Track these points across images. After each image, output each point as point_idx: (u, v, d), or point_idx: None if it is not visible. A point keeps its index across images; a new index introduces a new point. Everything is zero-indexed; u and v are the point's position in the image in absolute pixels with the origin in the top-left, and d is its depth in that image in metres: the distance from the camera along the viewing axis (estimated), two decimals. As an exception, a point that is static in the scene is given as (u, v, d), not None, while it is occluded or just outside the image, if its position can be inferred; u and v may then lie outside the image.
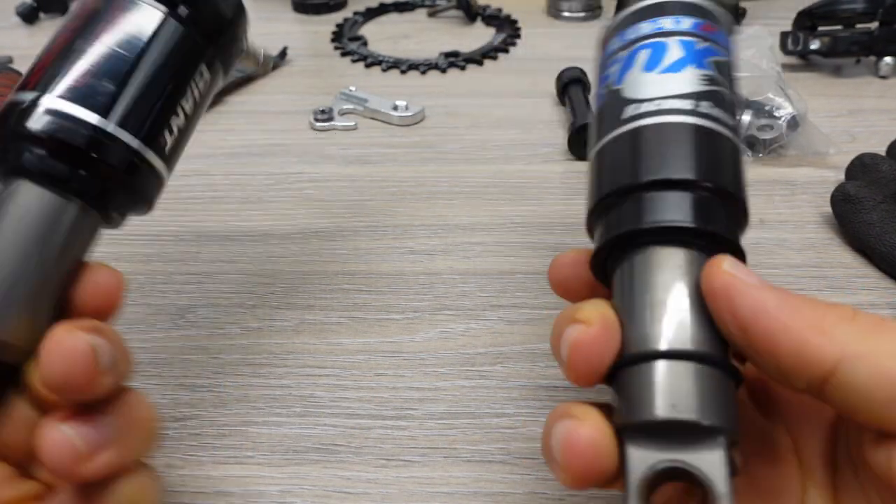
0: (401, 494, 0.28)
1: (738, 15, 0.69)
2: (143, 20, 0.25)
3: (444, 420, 0.31)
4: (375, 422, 0.31)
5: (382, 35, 0.72)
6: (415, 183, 0.47)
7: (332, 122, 0.54)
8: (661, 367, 0.20)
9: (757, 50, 0.55)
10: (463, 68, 0.64)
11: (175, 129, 0.26)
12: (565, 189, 0.47)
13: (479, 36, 0.71)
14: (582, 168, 0.49)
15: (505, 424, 0.30)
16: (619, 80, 0.25)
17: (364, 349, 0.34)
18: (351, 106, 0.56)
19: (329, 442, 0.30)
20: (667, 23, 0.26)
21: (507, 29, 0.72)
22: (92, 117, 0.23)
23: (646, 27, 0.27)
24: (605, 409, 0.21)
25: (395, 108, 0.54)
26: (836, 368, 0.17)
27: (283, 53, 0.65)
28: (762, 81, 0.50)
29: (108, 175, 0.24)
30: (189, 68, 0.27)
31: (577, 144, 0.49)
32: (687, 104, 0.24)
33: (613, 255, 0.23)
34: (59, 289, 0.23)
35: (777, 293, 0.19)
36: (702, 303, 0.21)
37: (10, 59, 0.66)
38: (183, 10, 0.26)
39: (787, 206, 0.44)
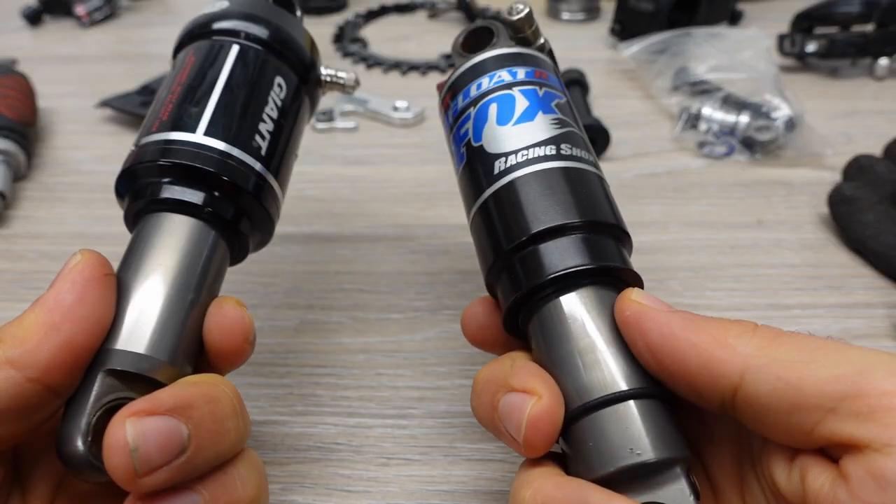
0: (401, 493, 0.28)
1: (736, 17, 0.70)
2: (248, 61, 0.29)
3: (445, 419, 0.31)
4: (376, 420, 0.31)
5: (383, 37, 0.72)
6: (415, 183, 0.48)
7: (333, 123, 0.54)
8: (605, 415, 0.20)
9: (754, 52, 0.55)
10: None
11: (285, 155, 0.29)
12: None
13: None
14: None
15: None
16: (478, 137, 0.26)
17: (365, 348, 0.35)
18: (352, 107, 0.56)
19: (330, 440, 0.30)
20: (504, 75, 0.27)
21: (507, 31, 0.72)
22: (221, 145, 0.25)
23: (485, 82, 0.27)
24: (560, 460, 0.21)
25: (396, 108, 0.55)
26: (741, 380, 0.18)
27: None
28: (759, 83, 0.51)
29: (238, 197, 0.26)
30: (291, 103, 0.30)
31: (576, 146, 0.49)
32: (550, 150, 0.25)
33: (522, 312, 0.24)
34: (197, 321, 0.24)
35: (682, 315, 0.20)
36: (621, 338, 0.21)
37: (15, 61, 0.66)
38: (279, 50, 0.30)
39: (784, 206, 0.44)
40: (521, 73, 0.27)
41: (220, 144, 0.25)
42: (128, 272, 0.23)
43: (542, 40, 0.30)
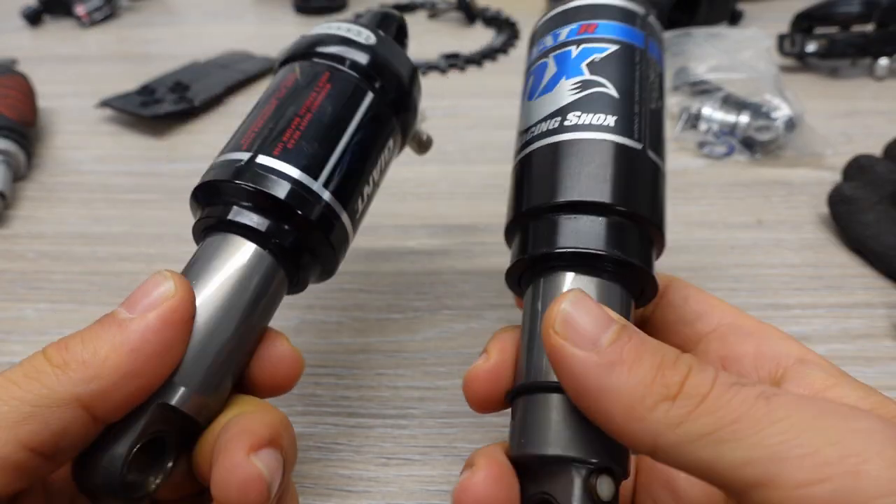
0: (401, 493, 0.28)
1: (736, 17, 0.70)
2: (345, 90, 0.27)
3: (445, 419, 0.31)
4: (376, 420, 0.31)
5: (382, 37, 0.72)
6: (415, 183, 0.48)
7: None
8: (533, 400, 0.20)
9: (754, 52, 0.55)
10: (463, 69, 0.65)
11: (365, 195, 0.28)
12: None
13: (479, 37, 0.72)
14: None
15: (504, 423, 0.30)
16: (522, 107, 0.27)
17: (365, 348, 0.35)
18: (351, 107, 0.56)
19: (330, 440, 0.30)
20: (548, 40, 0.27)
21: (507, 30, 0.72)
22: (298, 174, 0.24)
23: (534, 52, 0.27)
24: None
25: (396, 109, 0.55)
26: (654, 453, 0.17)
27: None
28: (759, 83, 0.51)
29: (305, 229, 0.25)
30: (382, 138, 0.28)
31: (576, 145, 0.49)
32: (553, 123, 0.24)
33: (524, 276, 0.23)
34: (248, 355, 0.24)
35: (600, 367, 0.18)
36: None
37: (15, 61, 0.66)
38: (378, 83, 0.28)
39: (784, 206, 0.44)
40: (563, 33, 0.26)
41: (327, 196, 0.25)
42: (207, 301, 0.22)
43: None
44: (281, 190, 0.24)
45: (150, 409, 0.20)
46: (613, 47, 0.25)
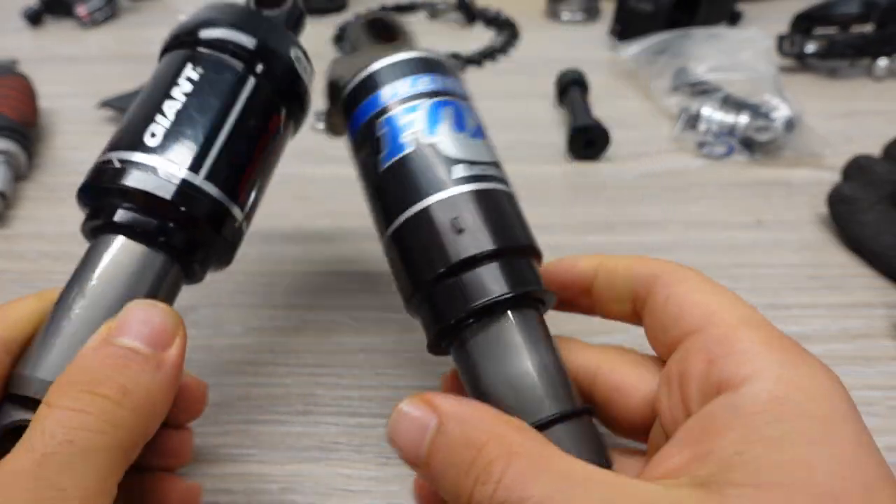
0: (401, 492, 0.28)
1: (735, 17, 0.70)
2: (223, 77, 0.26)
3: (444, 418, 0.31)
4: (376, 420, 0.31)
5: (382, 37, 0.72)
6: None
7: (333, 124, 0.54)
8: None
9: (754, 52, 0.55)
10: (462, 70, 0.65)
11: (253, 183, 0.27)
12: (565, 190, 0.47)
13: (479, 38, 0.72)
14: (581, 168, 0.49)
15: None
16: (431, 132, 0.25)
17: (365, 348, 0.35)
18: (351, 108, 0.56)
19: (330, 440, 0.30)
20: (450, 84, 0.27)
21: (507, 31, 0.72)
22: (182, 171, 0.24)
23: (438, 82, 0.27)
24: None
25: (396, 109, 0.55)
26: None
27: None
28: (759, 83, 0.51)
29: (194, 227, 0.24)
30: (265, 124, 0.27)
31: (576, 145, 0.49)
32: (498, 171, 0.26)
33: (446, 339, 0.25)
34: None
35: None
36: (547, 359, 0.22)
37: (16, 61, 0.66)
38: (259, 66, 0.27)
39: (784, 206, 0.44)
40: (461, 86, 0.28)
41: (214, 191, 0.25)
42: (68, 294, 0.23)
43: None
44: (164, 189, 0.23)
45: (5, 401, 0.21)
46: (421, 105, 0.26)
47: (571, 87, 0.55)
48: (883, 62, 0.59)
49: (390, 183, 0.25)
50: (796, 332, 0.35)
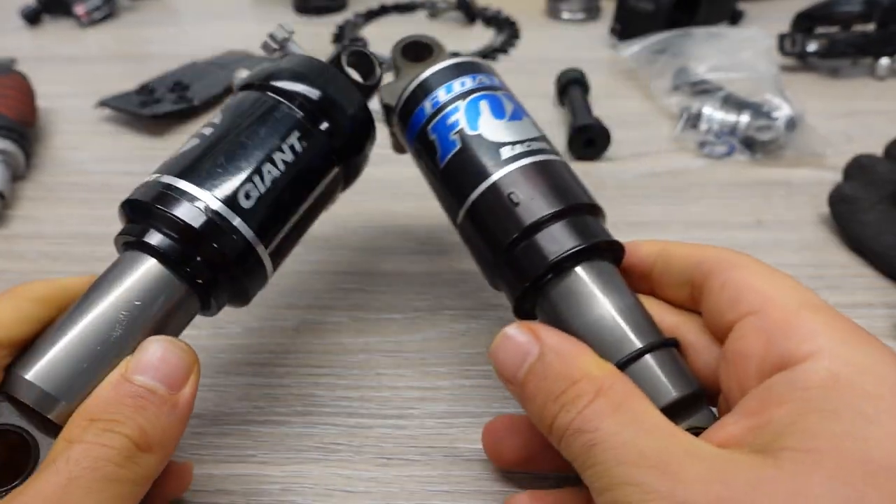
0: (401, 493, 0.28)
1: (736, 17, 0.69)
2: (282, 128, 0.27)
3: (445, 419, 0.31)
4: (376, 421, 0.31)
5: (383, 36, 0.72)
6: (415, 183, 0.47)
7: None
8: (631, 371, 0.23)
9: (755, 51, 0.55)
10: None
11: (289, 231, 0.28)
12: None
13: (479, 37, 0.72)
14: (582, 168, 0.49)
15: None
16: (473, 126, 0.28)
17: (364, 348, 0.35)
18: (351, 107, 0.56)
19: (330, 441, 0.30)
20: (481, 80, 0.31)
21: (507, 30, 0.72)
22: (219, 206, 0.25)
23: (469, 82, 0.30)
24: None
25: (395, 109, 0.55)
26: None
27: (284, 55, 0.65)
28: (760, 83, 0.51)
29: (220, 263, 0.25)
30: (316, 178, 0.28)
31: (577, 144, 0.49)
32: (544, 143, 0.29)
33: (529, 299, 0.26)
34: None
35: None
36: (627, 301, 0.24)
37: (14, 61, 0.66)
38: (324, 124, 0.28)
39: (784, 206, 0.44)
40: (496, 80, 0.31)
41: (249, 234, 0.25)
42: (84, 304, 0.23)
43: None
44: (196, 219, 0.24)
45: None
46: (460, 105, 0.30)
47: (572, 87, 0.55)
48: (885, 61, 0.59)
49: (450, 178, 0.29)
50: (797, 333, 0.35)
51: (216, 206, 0.24)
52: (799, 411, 0.18)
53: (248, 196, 0.25)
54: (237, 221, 0.25)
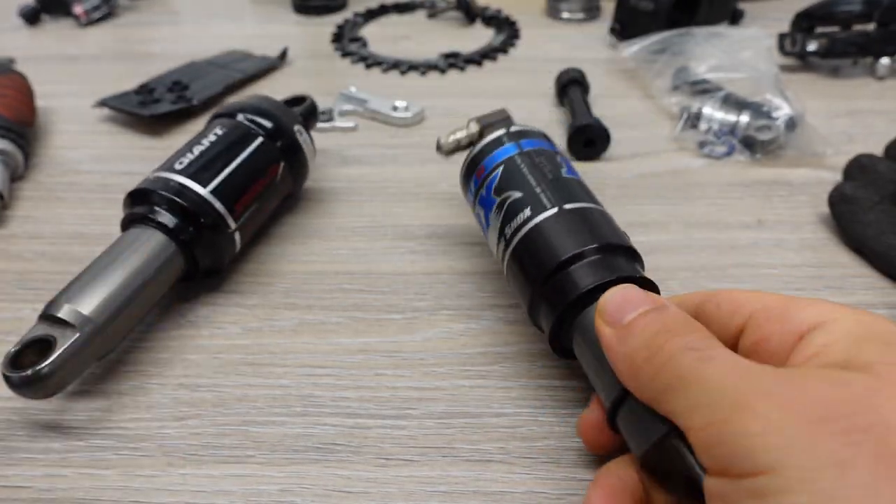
0: (400, 493, 0.28)
1: (736, 16, 0.69)
2: (248, 140, 0.40)
3: (443, 419, 0.31)
4: (375, 421, 0.31)
5: (382, 36, 0.72)
6: (414, 183, 0.47)
7: (333, 123, 0.54)
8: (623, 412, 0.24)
9: (755, 51, 0.55)
10: (462, 69, 0.65)
11: (249, 208, 0.38)
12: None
13: (479, 37, 0.72)
14: (582, 168, 0.49)
15: (504, 424, 0.31)
16: (513, 188, 0.33)
17: (364, 349, 0.34)
18: (351, 107, 0.56)
19: (329, 441, 0.30)
20: (471, 189, 0.36)
21: (507, 30, 0.72)
22: (200, 189, 0.36)
23: (508, 150, 0.35)
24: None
25: (395, 108, 0.55)
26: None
27: (283, 55, 0.65)
28: (760, 82, 0.51)
29: (200, 228, 0.35)
30: (264, 169, 0.40)
31: (577, 144, 0.49)
32: (584, 194, 0.32)
33: (564, 331, 0.29)
34: (141, 307, 0.34)
35: (615, 338, 0.23)
36: None
37: (13, 61, 0.66)
38: (272, 132, 0.41)
39: (784, 206, 0.44)
40: (472, 185, 0.36)
41: (216, 203, 0.36)
42: (105, 255, 0.34)
43: None
44: (187, 200, 0.35)
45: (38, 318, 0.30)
46: (499, 168, 0.34)
47: (571, 87, 0.55)
48: (885, 61, 0.59)
49: (496, 227, 0.33)
50: (798, 333, 0.35)
51: (195, 187, 0.36)
52: (851, 343, 0.20)
53: (216, 177, 0.37)
54: (206, 193, 0.36)
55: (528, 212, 0.31)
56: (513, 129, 0.36)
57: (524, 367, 0.33)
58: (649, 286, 0.28)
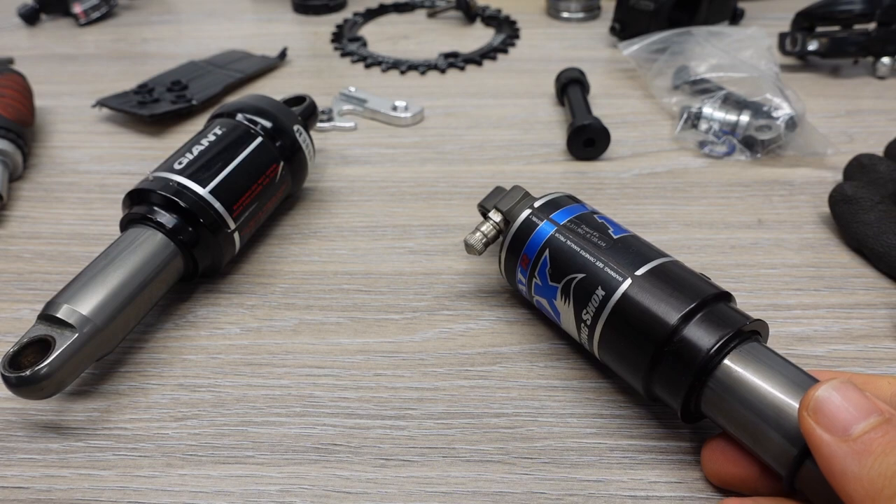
0: (399, 494, 0.28)
1: (737, 16, 0.69)
2: (247, 140, 0.40)
3: (443, 420, 0.31)
4: (374, 422, 0.31)
5: (382, 36, 0.72)
6: (414, 183, 0.47)
7: (332, 123, 0.54)
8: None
9: (755, 51, 0.55)
10: (462, 69, 0.65)
11: (248, 208, 0.38)
12: (564, 189, 0.47)
13: (479, 37, 0.71)
14: (582, 167, 0.49)
15: (503, 424, 0.31)
16: (617, 231, 0.32)
17: (363, 349, 0.34)
18: (350, 106, 0.56)
19: (328, 442, 0.30)
20: (521, 280, 0.34)
21: (507, 30, 0.72)
22: (199, 189, 0.36)
23: (550, 226, 0.32)
24: None
25: (395, 108, 0.55)
26: None
27: (282, 54, 0.65)
28: (760, 82, 0.51)
29: (199, 228, 0.35)
30: (264, 169, 0.39)
31: (576, 144, 0.49)
32: (649, 249, 0.31)
33: (695, 399, 0.27)
34: (140, 307, 0.33)
35: (846, 455, 0.21)
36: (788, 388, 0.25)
37: (12, 60, 0.66)
38: (271, 131, 0.41)
39: (785, 206, 0.44)
40: (520, 275, 0.34)
41: (216, 203, 0.36)
42: (104, 255, 0.33)
43: None
44: (176, 194, 0.35)
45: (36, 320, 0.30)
46: (545, 254, 0.32)
47: (571, 86, 0.55)
48: (886, 61, 0.58)
49: (569, 314, 0.31)
50: (798, 333, 0.35)
51: (201, 190, 0.36)
52: None
53: (215, 178, 0.37)
54: (205, 193, 0.36)
55: (600, 292, 0.29)
56: (537, 204, 0.34)
57: (523, 367, 0.33)
58: (762, 327, 0.28)
